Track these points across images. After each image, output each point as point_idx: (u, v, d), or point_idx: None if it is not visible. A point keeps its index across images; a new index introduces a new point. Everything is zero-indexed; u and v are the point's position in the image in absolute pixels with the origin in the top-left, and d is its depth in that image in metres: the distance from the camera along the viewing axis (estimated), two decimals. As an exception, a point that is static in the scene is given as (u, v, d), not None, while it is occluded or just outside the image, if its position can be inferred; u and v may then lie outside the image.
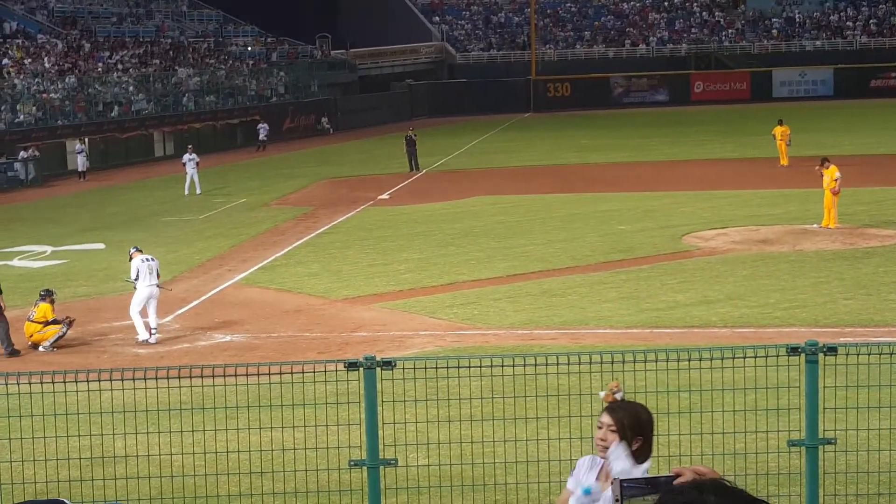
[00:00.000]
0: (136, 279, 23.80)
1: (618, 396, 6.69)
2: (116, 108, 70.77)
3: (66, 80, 68.86)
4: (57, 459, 12.93)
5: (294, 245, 35.09)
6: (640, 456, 6.32)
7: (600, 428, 6.44)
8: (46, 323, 23.53)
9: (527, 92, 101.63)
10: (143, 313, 23.70)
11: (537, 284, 27.30)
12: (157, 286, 23.70)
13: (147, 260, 23.91)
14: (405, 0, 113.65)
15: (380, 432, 10.88)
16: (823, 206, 33.58)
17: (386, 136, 79.09)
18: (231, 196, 48.99)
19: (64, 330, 23.54)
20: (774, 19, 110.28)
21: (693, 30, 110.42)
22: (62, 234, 39.83)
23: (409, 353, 20.98)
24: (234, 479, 13.51)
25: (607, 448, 6.33)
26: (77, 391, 11.78)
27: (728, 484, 3.49)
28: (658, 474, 4.00)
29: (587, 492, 6.65)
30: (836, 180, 33.17)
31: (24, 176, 58.84)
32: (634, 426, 6.30)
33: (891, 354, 11.14)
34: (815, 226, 33.33)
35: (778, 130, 51.55)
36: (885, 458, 13.29)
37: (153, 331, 23.57)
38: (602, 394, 6.87)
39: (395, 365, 10.78)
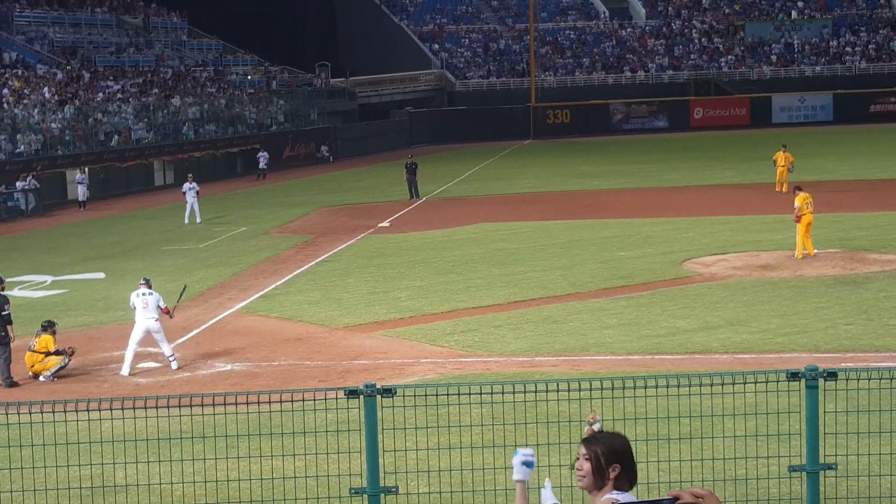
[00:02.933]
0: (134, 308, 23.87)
1: (595, 427, 6.71)
2: (116, 137, 70.89)
3: (66, 109, 69.00)
4: (58, 489, 12.90)
5: (294, 273, 35.09)
6: (621, 484, 6.33)
7: (578, 459, 6.50)
8: (48, 353, 23.52)
9: (526, 119, 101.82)
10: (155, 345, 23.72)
11: (538, 311, 27.29)
12: (155, 319, 23.59)
13: (143, 294, 23.81)
14: (404, 28, 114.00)
15: (380, 460, 10.86)
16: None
17: (386, 163, 79.25)
18: (231, 224, 49.02)
19: (66, 361, 23.50)
20: (773, 45, 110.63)
21: (692, 56, 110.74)
22: (62, 263, 39.84)
23: (409, 380, 20.96)
24: (235, 507, 13.48)
25: (584, 478, 6.38)
26: (77, 420, 11.77)
27: None
28: (658, 497, 4.00)
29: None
30: (795, 209, 32.88)
31: (25, 206, 58.90)
32: (609, 454, 6.32)
33: (891, 379, 11.15)
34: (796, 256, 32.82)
35: (781, 156, 51.11)
36: (887, 484, 13.25)
37: (171, 357, 23.58)
38: (585, 429, 6.90)
39: (396, 392, 10.79)
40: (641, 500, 4.07)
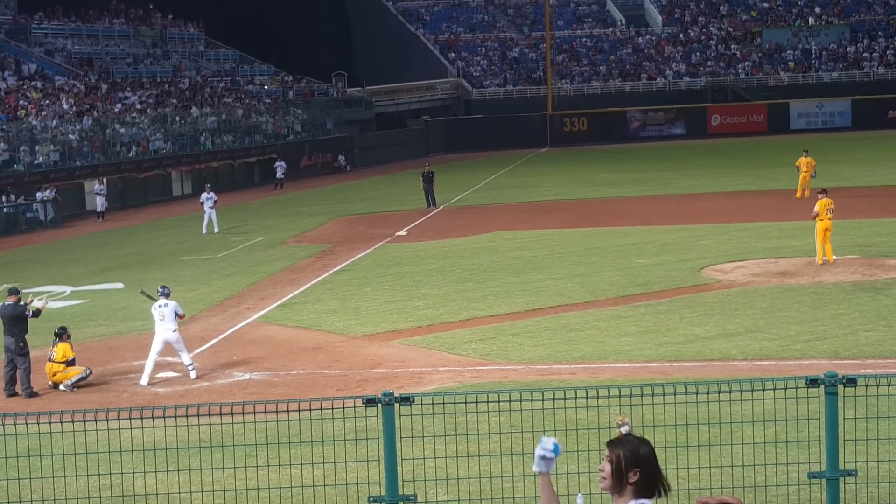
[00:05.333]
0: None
1: (623, 430, 6.77)
2: (134, 148, 71.12)
3: (84, 120, 69.23)
4: (77, 498, 12.93)
5: (312, 282, 35.11)
6: (641, 490, 6.37)
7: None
8: (68, 363, 23.58)
9: (543, 127, 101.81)
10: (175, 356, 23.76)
11: (556, 319, 27.25)
12: (173, 330, 23.62)
13: (160, 306, 23.80)
14: (421, 37, 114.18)
15: (399, 468, 10.86)
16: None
17: (403, 172, 79.29)
18: (249, 234, 49.11)
19: (87, 372, 23.55)
20: (790, 51, 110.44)
21: (709, 63, 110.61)
22: (81, 274, 39.95)
23: (427, 389, 20.95)
24: (254, 517, 13.50)
25: (605, 479, 6.46)
26: (97, 430, 11.80)
27: None
28: None
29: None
30: (813, 213, 32.80)
31: (44, 217, 59.13)
32: (630, 458, 6.37)
33: (911, 385, 11.09)
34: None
35: (803, 162, 50.92)
36: (908, 490, 13.20)
37: (190, 366, 23.62)
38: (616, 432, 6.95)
39: (414, 401, 10.78)
40: None
